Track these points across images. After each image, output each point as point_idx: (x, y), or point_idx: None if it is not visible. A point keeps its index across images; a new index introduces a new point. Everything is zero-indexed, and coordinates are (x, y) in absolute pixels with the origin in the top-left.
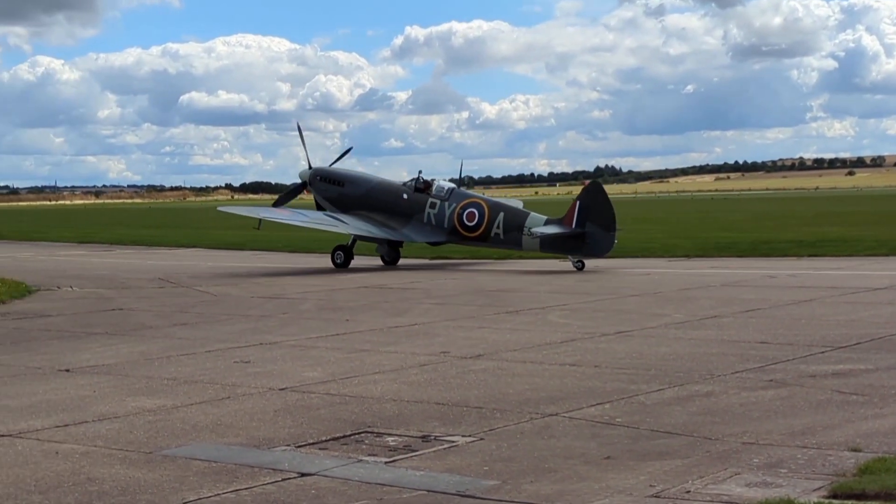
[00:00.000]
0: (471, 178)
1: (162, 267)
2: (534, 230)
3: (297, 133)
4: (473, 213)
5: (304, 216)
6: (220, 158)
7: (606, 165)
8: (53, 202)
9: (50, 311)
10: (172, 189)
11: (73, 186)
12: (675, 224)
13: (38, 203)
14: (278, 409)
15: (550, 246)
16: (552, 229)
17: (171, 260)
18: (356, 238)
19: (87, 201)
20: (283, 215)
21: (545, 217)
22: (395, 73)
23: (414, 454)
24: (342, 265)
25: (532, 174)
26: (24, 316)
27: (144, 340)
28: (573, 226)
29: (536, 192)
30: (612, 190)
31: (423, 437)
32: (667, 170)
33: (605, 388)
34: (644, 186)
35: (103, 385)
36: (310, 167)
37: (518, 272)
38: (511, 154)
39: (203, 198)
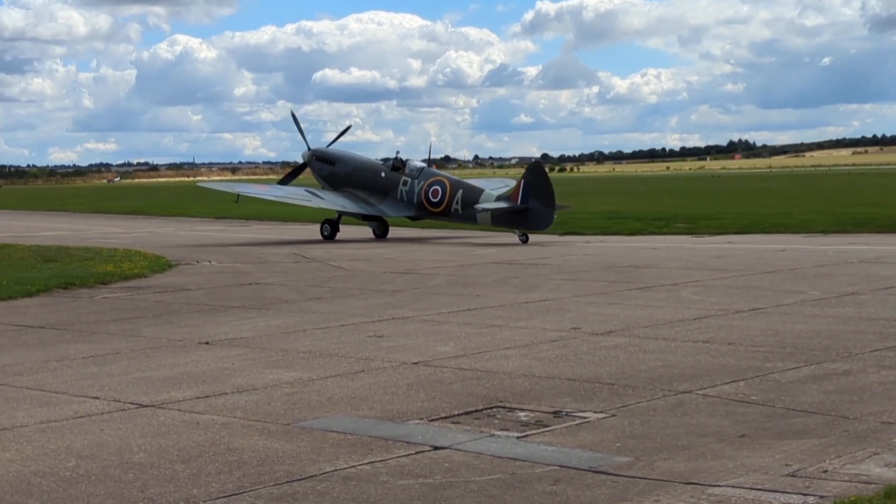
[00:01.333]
0: (601, 153)
1: (296, 242)
2: (476, 206)
3: (339, 134)
4: (437, 189)
5: (280, 191)
6: (352, 135)
7: (740, 140)
8: (191, 178)
9: (189, 285)
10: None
11: (210, 163)
12: (811, 199)
13: (177, 179)
14: (411, 382)
15: (499, 220)
16: (499, 204)
17: (306, 235)
18: (340, 213)
19: (223, 177)
20: (259, 191)
21: (496, 194)
22: (526, 48)
23: (546, 429)
24: (329, 237)
25: (663, 149)
26: (164, 290)
27: (281, 314)
28: (518, 202)
29: (668, 168)
30: (745, 165)
31: (555, 412)
32: (802, 144)
33: (740, 366)
34: (778, 161)
35: (241, 358)
36: (308, 149)
37: (649, 248)
38: (642, 129)
39: None
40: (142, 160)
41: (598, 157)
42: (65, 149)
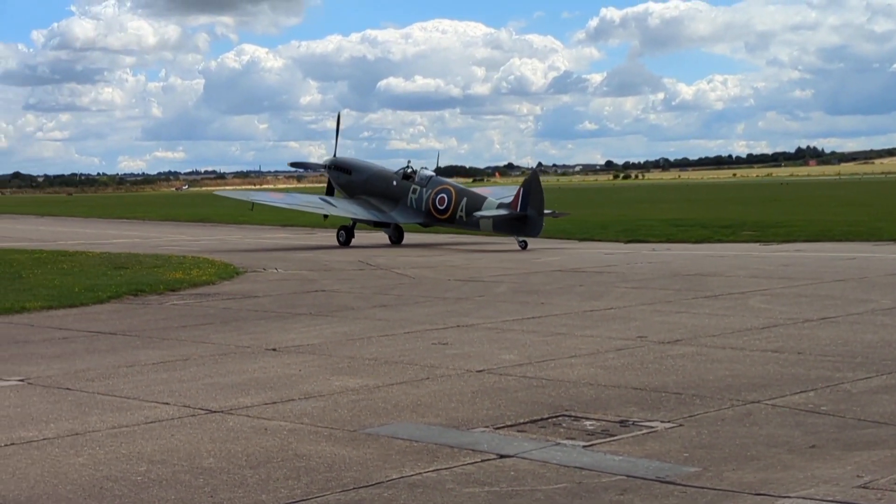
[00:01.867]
0: (666, 161)
1: (361, 251)
2: (475, 213)
3: (336, 130)
4: (444, 197)
5: (294, 199)
6: (416, 143)
7: (808, 146)
8: (258, 186)
9: (256, 292)
10: None
11: (275, 171)
12: (881, 207)
13: (244, 187)
14: (476, 390)
15: (500, 227)
16: (500, 212)
17: (369, 242)
18: (356, 220)
19: (289, 185)
20: (274, 199)
21: (497, 202)
22: (590, 55)
23: (612, 439)
24: (345, 243)
25: (730, 156)
26: (232, 297)
27: (346, 321)
28: (517, 209)
29: (735, 175)
30: (814, 172)
31: (622, 421)
32: (872, 150)
33: (809, 376)
34: (848, 168)
35: (308, 364)
36: (322, 166)
37: (716, 256)
38: (708, 135)
39: None
40: (209, 168)
41: (663, 165)
42: (134, 157)
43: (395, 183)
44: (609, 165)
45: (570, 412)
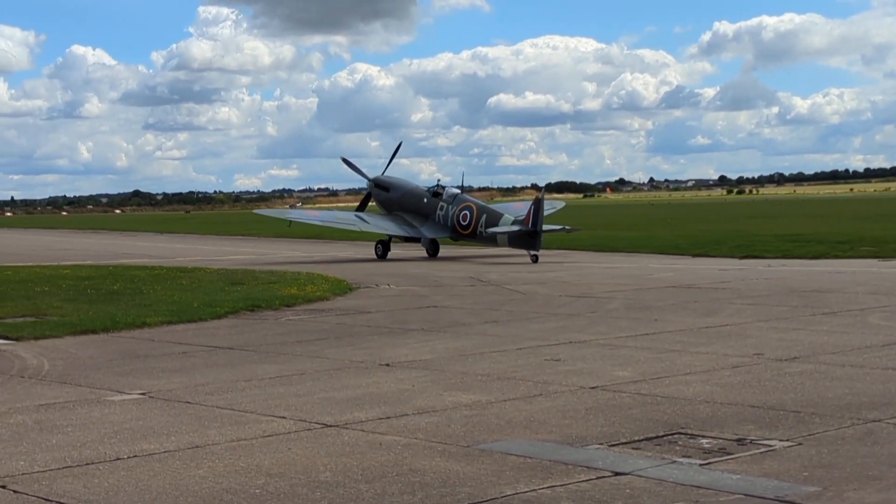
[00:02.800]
0: (780, 175)
1: (472, 266)
2: (489, 230)
3: (392, 154)
4: (467, 214)
5: (329, 216)
6: (526, 159)
7: None
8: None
9: (369, 308)
10: (480, 189)
11: None
12: None
13: (355, 204)
14: (590, 407)
15: (515, 242)
16: (514, 228)
17: (480, 257)
18: (391, 235)
19: None
20: (310, 216)
21: (513, 218)
22: (703, 69)
23: (729, 457)
24: (381, 256)
25: (846, 170)
26: (345, 312)
27: (458, 337)
28: (529, 225)
29: (851, 189)
30: None
31: (739, 439)
32: None
33: None
34: None
35: (421, 379)
36: (368, 179)
37: (833, 272)
38: (824, 150)
39: (510, 198)
40: (322, 186)
41: (777, 179)
42: (249, 175)
43: (425, 200)
44: (722, 180)
45: (686, 430)
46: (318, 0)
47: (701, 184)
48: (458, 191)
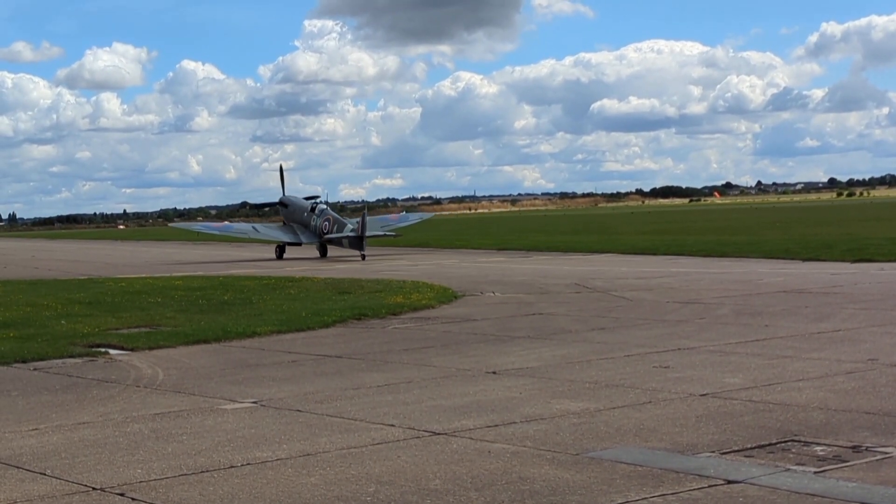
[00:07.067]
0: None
1: (577, 272)
2: (335, 235)
3: (280, 176)
4: (326, 224)
5: (228, 228)
6: (630, 164)
7: None
8: (473, 211)
9: (475, 316)
10: (584, 196)
11: (490, 195)
12: None
13: (459, 212)
14: (700, 414)
15: (352, 244)
16: (350, 234)
17: (586, 265)
18: (283, 242)
19: (503, 209)
20: (213, 227)
21: (352, 227)
22: (811, 70)
23: (844, 464)
24: (279, 256)
25: None
26: (451, 320)
27: (565, 344)
28: (360, 232)
29: None
30: None
31: (854, 447)
32: None
33: None
34: None
35: (528, 387)
36: (281, 197)
37: None
38: None
39: (614, 203)
40: (425, 194)
41: (889, 181)
42: (354, 185)
43: (306, 214)
44: (832, 183)
45: (800, 437)
46: (421, 10)
47: (810, 186)
48: (326, 206)
